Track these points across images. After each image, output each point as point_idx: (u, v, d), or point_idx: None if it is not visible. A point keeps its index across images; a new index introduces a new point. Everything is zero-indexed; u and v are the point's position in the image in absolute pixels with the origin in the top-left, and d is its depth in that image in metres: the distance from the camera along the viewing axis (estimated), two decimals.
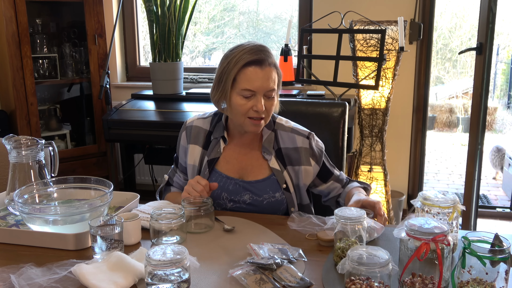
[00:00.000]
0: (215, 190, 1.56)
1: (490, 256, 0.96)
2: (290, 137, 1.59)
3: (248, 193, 1.56)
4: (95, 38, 3.23)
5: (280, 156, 1.57)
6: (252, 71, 1.45)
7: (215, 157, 1.59)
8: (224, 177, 1.58)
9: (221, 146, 1.60)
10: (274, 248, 1.22)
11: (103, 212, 1.37)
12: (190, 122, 1.66)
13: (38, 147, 1.50)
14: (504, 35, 7.29)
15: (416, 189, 3.34)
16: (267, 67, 1.46)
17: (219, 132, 1.61)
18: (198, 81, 3.59)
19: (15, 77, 3.01)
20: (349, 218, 1.16)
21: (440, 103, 7.52)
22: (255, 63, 1.45)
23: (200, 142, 1.63)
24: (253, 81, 1.45)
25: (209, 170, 1.59)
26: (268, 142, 1.58)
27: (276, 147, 1.58)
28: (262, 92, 1.46)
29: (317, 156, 1.59)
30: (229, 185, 1.58)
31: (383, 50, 2.46)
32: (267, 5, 4.23)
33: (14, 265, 1.15)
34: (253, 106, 1.46)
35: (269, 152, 1.57)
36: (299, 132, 1.59)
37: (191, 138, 1.64)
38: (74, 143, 3.47)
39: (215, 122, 1.63)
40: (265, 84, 1.45)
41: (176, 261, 1.02)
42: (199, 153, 1.62)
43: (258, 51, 1.46)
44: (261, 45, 1.49)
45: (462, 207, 1.20)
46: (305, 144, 1.58)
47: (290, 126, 1.61)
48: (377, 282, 0.97)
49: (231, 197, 1.57)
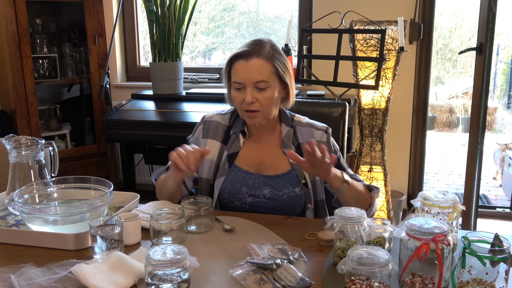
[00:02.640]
0: (235, 184, 1.57)
1: (490, 256, 0.96)
2: (308, 131, 1.62)
3: (268, 187, 1.57)
4: (95, 38, 3.23)
5: (300, 152, 1.57)
6: (239, 64, 1.50)
7: (234, 151, 1.61)
8: (243, 172, 1.60)
9: (241, 140, 1.62)
10: (274, 248, 1.22)
11: (103, 212, 1.37)
12: (209, 117, 1.68)
13: (38, 147, 1.50)
14: (504, 35, 7.29)
15: (416, 189, 3.34)
16: (253, 59, 1.49)
17: (239, 127, 1.63)
18: (198, 81, 3.59)
19: (15, 77, 3.01)
20: (349, 218, 1.16)
21: (440, 103, 7.52)
22: (241, 56, 1.50)
23: (219, 137, 1.64)
24: (240, 73, 1.50)
25: (228, 164, 1.60)
26: (287, 138, 1.61)
27: (295, 143, 1.61)
28: (250, 83, 1.49)
29: (333, 152, 1.61)
30: (249, 179, 1.58)
31: (383, 50, 2.46)
32: (267, 5, 4.23)
33: (14, 265, 1.15)
34: (244, 99, 1.50)
35: (289, 147, 1.59)
36: (317, 127, 1.63)
37: (208, 132, 1.65)
38: (74, 143, 3.47)
39: (234, 117, 1.66)
40: (251, 75, 1.48)
41: (176, 261, 1.02)
42: (218, 148, 1.63)
43: (248, 45, 1.52)
44: (257, 39, 1.54)
45: (462, 207, 1.20)
46: (323, 138, 1.61)
47: (308, 122, 1.65)
48: (377, 282, 0.97)
49: (251, 191, 1.58)
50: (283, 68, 1.53)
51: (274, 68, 1.51)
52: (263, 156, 1.61)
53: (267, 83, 1.50)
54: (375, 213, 1.58)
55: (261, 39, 1.55)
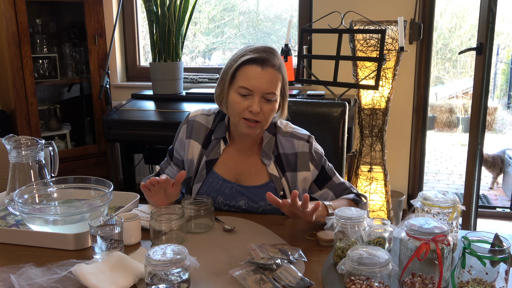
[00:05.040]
0: (212, 192, 1.54)
1: (490, 256, 0.96)
2: (289, 141, 1.54)
3: (244, 198, 1.53)
4: (95, 38, 3.23)
5: (279, 162, 1.53)
6: (252, 69, 1.41)
7: (214, 158, 1.56)
8: (221, 180, 1.55)
9: (221, 147, 1.56)
10: (274, 248, 1.22)
11: (103, 212, 1.37)
12: (193, 117, 1.61)
13: (38, 147, 1.50)
14: (504, 35, 7.29)
15: (416, 189, 3.34)
16: (269, 68, 1.42)
17: (221, 133, 1.57)
18: (198, 81, 3.59)
19: (15, 77, 3.01)
20: (349, 218, 1.16)
21: (440, 103, 7.52)
22: (256, 61, 1.41)
23: (200, 140, 1.58)
24: (251, 79, 1.41)
25: (206, 171, 1.56)
26: (268, 147, 1.54)
27: (276, 152, 1.54)
28: (260, 93, 1.41)
29: (316, 160, 1.54)
30: (225, 188, 1.54)
31: (383, 50, 2.46)
32: (267, 5, 4.23)
33: (14, 265, 1.15)
34: (249, 107, 1.41)
35: (268, 157, 1.53)
36: (298, 136, 1.55)
37: (192, 133, 1.59)
38: (74, 143, 3.47)
39: (217, 121, 1.59)
40: (264, 85, 1.41)
41: (176, 261, 1.02)
42: (198, 150, 1.58)
43: (262, 51, 1.43)
44: (268, 46, 1.46)
45: (462, 207, 1.20)
46: (304, 148, 1.53)
47: (289, 131, 1.56)
48: (377, 282, 0.97)
49: (226, 201, 1.54)
50: (286, 82, 1.50)
51: (283, 80, 1.47)
52: (242, 166, 1.55)
53: (275, 95, 1.44)
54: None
55: (272, 47, 1.47)
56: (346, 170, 2.65)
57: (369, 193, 2.85)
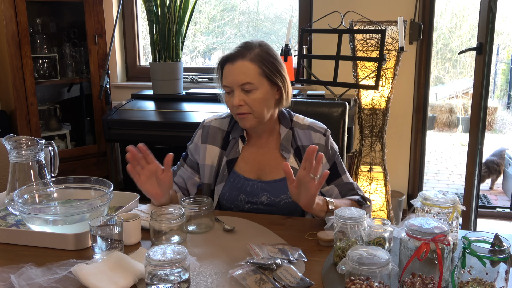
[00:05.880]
0: (234, 191, 1.57)
1: (490, 256, 0.96)
2: (307, 134, 1.59)
3: (266, 194, 1.56)
4: (95, 38, 3.23)
5: (299, 154, 1.57)
6: (226, 68, 1.51)
7: (234, 157, 1.60)
8: (242, 179, 1.58)
9: (240, 146, 1.61)
10: (274, 248, 1.22)
11: (103, 212, 1.37)
12: (208, 122, 1.67)
13: (38, 147, 1.50)
14: (504, 35, 7.30)
15: (416, 189, 3.34)
16: (239, 61, 1.48)
17: (238, 132, 1.61)
18: (198, 81, 3.59)
19: (15, 77, 3.01)
20: (349, 218, 1.16)
21: (440, 103, 7.53)
22: (228, 60, 1.50)
23: (218, 143, 1.63)
24: (227, 77, 1.50)
25: (228, 171, 1.59)
26: (286, 140, 1.58)
27: (294, 145, 1.59)
28: (237, 86, 1.48)
29: (330, 155, 1.58)
30: (247, 186, 1.57)
31: (383, 50, 2.46)
32: (267, 5, 4.23)
33: (14, 265, 1.15)
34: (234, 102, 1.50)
35: (288, 150, 1.58)
36: (316, 128, 1.59)
37: (207, 138, 1.64)
38: (74, 143, 3.47)
39: (234, 122, 1.64)
40: (236, 78, 1.47)
41: (176, 261, 1.02)
42: (217, 153, 1.62)
43: (237, 48, 1.51)
44: (244, 42, 1.53)
45: (462, 207, 1.20)
46: (321, 141, 1.57)
47: (307, 124, 1.61)
48: (377, 282, 0.97)
49: (248, 198, 1.57)
50: (271, 69, 1.50)
51: (260, 69, 1.48)
52: (262, 161, 1.60)
53: (253, 84, 1.47)
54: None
55: (250, 41, 1.53)
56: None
57: (369, 193, 2.85)
